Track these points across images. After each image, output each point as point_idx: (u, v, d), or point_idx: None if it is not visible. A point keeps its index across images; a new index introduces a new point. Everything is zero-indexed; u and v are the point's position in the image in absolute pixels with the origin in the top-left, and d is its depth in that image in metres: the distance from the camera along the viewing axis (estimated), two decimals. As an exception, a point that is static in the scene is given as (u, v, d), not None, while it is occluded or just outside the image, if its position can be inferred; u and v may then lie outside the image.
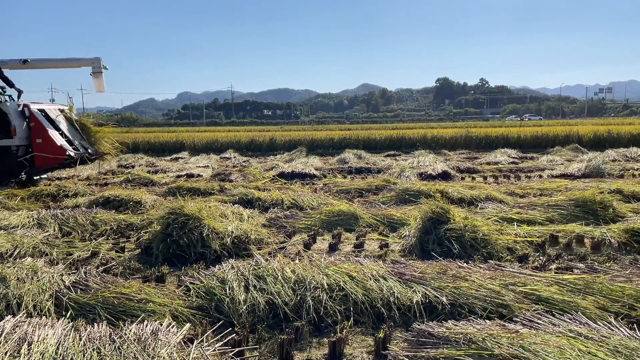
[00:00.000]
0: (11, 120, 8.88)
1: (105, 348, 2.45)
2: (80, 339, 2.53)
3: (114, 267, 4.22)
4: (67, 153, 8.84)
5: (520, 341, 2.38)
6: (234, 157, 16.71)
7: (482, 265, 3.76)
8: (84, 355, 2.40)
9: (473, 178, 10.03)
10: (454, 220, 4.59)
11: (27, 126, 8.94)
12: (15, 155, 9.06)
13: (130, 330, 2.61)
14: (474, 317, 2.88)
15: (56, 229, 5.47)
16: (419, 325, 2.81)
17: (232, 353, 2.63)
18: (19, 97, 9.51)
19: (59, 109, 9.66)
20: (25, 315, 2.93)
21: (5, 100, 9.23)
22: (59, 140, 8.95)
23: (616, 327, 2.61)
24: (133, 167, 13.80)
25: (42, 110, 9.12)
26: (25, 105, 9.06)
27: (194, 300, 3.29)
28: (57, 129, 9.14)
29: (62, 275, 3.62)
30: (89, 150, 9.50)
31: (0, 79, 9.34)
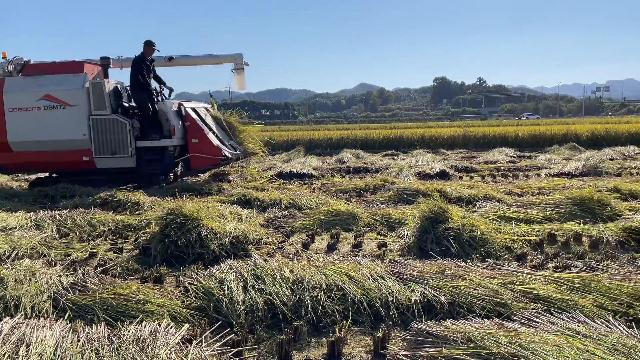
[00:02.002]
0: (170, 120, 8.78)
1: (103, 349, 2.45)
2: (79, 340, 2.52)
3: (112, 268, 4.22)
4: (223, 153, 8.75)
5: (519, 340, 2.39)
6: (232, 157, 16.68)
7: (480, 264, 3.76)
8: (82, 357, 2.39)
9: (471, 177, 10.04)
10: (452, 219, 4.59)
11: (182, 126, 8.84)
12: (172, 156, 8.96)
13: (129, 331, 2.60)
14: (472, 316, 2.89)
15: (54, 230, 5.46)
16: (417, 324, 2.81)
17: (231, 353, 2.63)
18: (169, 95, 9.33)
19: (205, 108, 9.50)
20: (23, 316, 2.93)
21: (163, 100, 9.12)
22: (215, 140, 8.85)
23: (614, 325, 2.62)
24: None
25: (193, 110, 9.01)
26: (180, 104, 8.96)
27: (192, 300, 3.29)
28: (209, 128, 9.02)
29: (60, 276, 3.62)
30: (239, 150, 9.35)
31: (154, 78, 9.17)
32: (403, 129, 25.80)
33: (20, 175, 12.20)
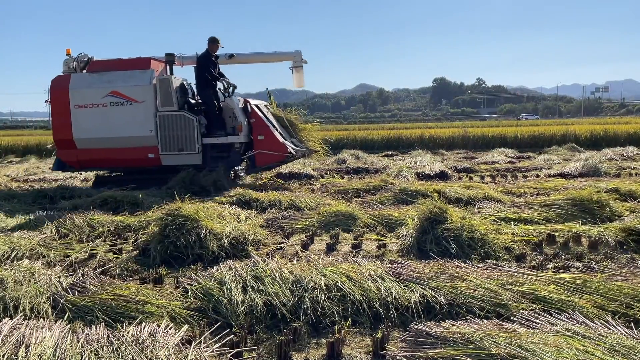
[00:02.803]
0: (238, 117, 8.74)
1: (103, 350, 2.45)
2: (78, 341, 2.52)
3: (111, 268, 4.21)
4: (288, 150, 8.70)
5: (518, 340, 2.39)
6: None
7: (479, 265, 3.76)
8: (81, 358, 2.39)
9: (470, 178, 10.04)
10: (451, 220, 4.59)
11: (247, 123, 8.80)
12: (238, 153, 8.92)
13: (128, 332, 2.60)
14: (471, 317, 2.89)
15: (53, 230, 5.46)
16: (416, 325, 2.81)
17: (230, 354, 2.63)
18: (233, 92, 9.24)
19: (265, 105, 9.45)
20: (22, 317, 2.92)
21: (229, 96, 9.06)
22: (280, 137, 8.80)
23: (613, 325, 2.62)
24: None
25: (257, 106, 8.98)
26: (246, 101, 8.92)
27: (191, 301, 3.29)
28: (272, 125, 8.96)
29: (59, 277, 3.62)
30: (302, 147, 9.28)
31: (218, 75, 9.10)
32: (402, 129, 25.79)
33: (30, 175, 12.22)
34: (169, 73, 8.96)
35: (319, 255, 4.23)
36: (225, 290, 3.30)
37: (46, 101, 9.39)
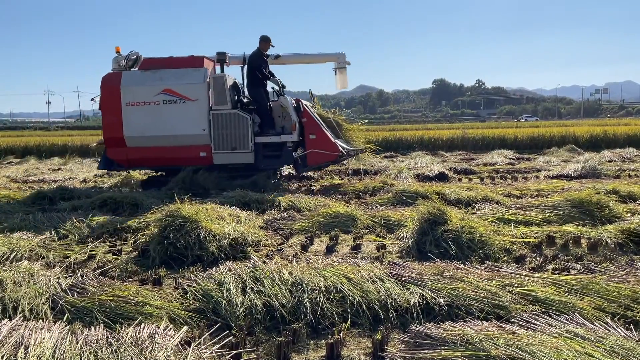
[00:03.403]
0: (291, 116, 8.74)
1: (102, 351, 2.45)
2: (77, 343, 2.52)
3: (110, 269, 4.21)
4: (340, 150, 8.71)
5: (517, 342, 2.39)
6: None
7: (479, 267, 3.76)
8: (81, 359, 2.39)
9: (470, 179, 10.05)
10: (451, 221, 4.60)
11: (299, 122, 8.80)
12: (291, 152, 8.89)
13: (127, 334, 2.60)
14: (471, 318, 2.89)
15: (53, 232, 5.45)
16: (416, 326, 2.81)
17: (230, 355, 2.63)
18: (282, 91, 9.21)
19: (310, 106, 9.44)
20: (21, 318, 2.92)
21: (282, 95, 9.04)
22: (332, 137, 8.81)
23: (613, 327, 2.62)
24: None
25: (307, 106, 8.98)
26: (298, 101, 8.92)
27: (191, 302, 3.29)
28: (322, 125, 8.96)
29: (58, 278, 3.61)
30: (350, 148, 9.29)
31: (269, 74, 9.08)
32: (402, 131, 25.81)
33: (30, 176, 12.20)
34: (218, 72, 8.93)
35: (319, 257, 4.23)
36: (225, 291, 3.30)
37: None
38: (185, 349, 2.51)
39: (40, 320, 2.89)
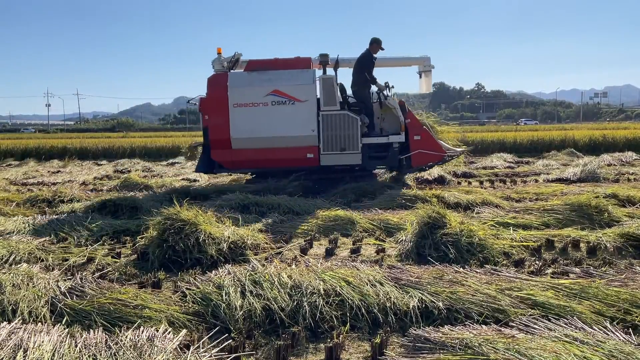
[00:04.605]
0: (399, 117, 8.75)
1: (101, 354, 2.45)
2: (76, 346, 2.52)
3: (109, 272, 4.21)
4: (444, 150, 8.70)
5: (516, 346, 2.39)
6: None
7: (478, 270, 3.76)
8: (79, 362, 2.39)
9: (469, 182, 10.05)
10: (450, 225, 4.60)
11: (404, 122, 8.78)
12: (396, 153, 8.85)
13: (126, 337, 2.60)
14: (470, 322, 2.89)
15: (52, 234, 5.45)
16: (415, 330, 2.81)
17: (229, 359, 2.62)
18: (389, 92, 9.14)
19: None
20: (20, 321, 2.92)
21: (390, 96, 9.03)
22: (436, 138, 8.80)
23: (611, 331, 2.62)
24: (129, 171, 13.75)
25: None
26: (402, 102, 8.93)
27: (190, 306, 3.29)
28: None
29: (57, 281, 3.61)
30: (450, 149, 9.26)
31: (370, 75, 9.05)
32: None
33: (29, 178, 12.19)
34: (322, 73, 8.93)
35: (318, 260, 4.23)
36: (224, 294, 3.30)
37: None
38: (184, 352, 2.51)
39: (39, 323, 2.89)
